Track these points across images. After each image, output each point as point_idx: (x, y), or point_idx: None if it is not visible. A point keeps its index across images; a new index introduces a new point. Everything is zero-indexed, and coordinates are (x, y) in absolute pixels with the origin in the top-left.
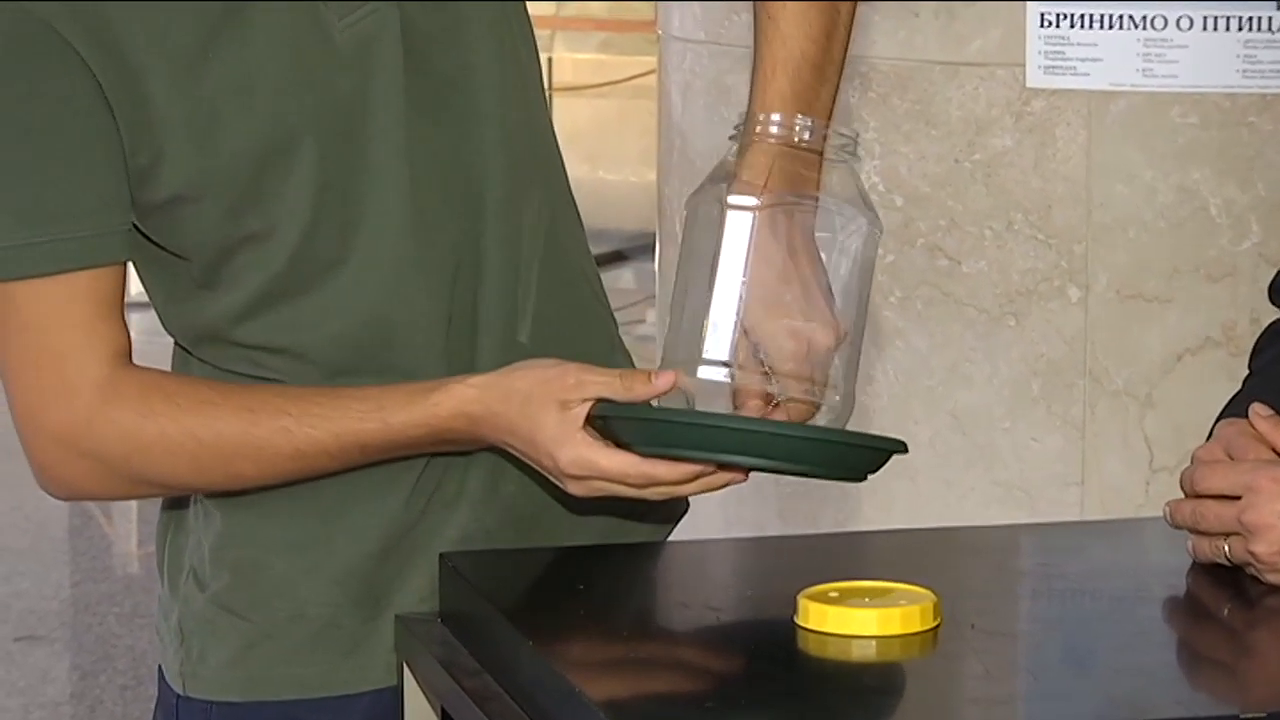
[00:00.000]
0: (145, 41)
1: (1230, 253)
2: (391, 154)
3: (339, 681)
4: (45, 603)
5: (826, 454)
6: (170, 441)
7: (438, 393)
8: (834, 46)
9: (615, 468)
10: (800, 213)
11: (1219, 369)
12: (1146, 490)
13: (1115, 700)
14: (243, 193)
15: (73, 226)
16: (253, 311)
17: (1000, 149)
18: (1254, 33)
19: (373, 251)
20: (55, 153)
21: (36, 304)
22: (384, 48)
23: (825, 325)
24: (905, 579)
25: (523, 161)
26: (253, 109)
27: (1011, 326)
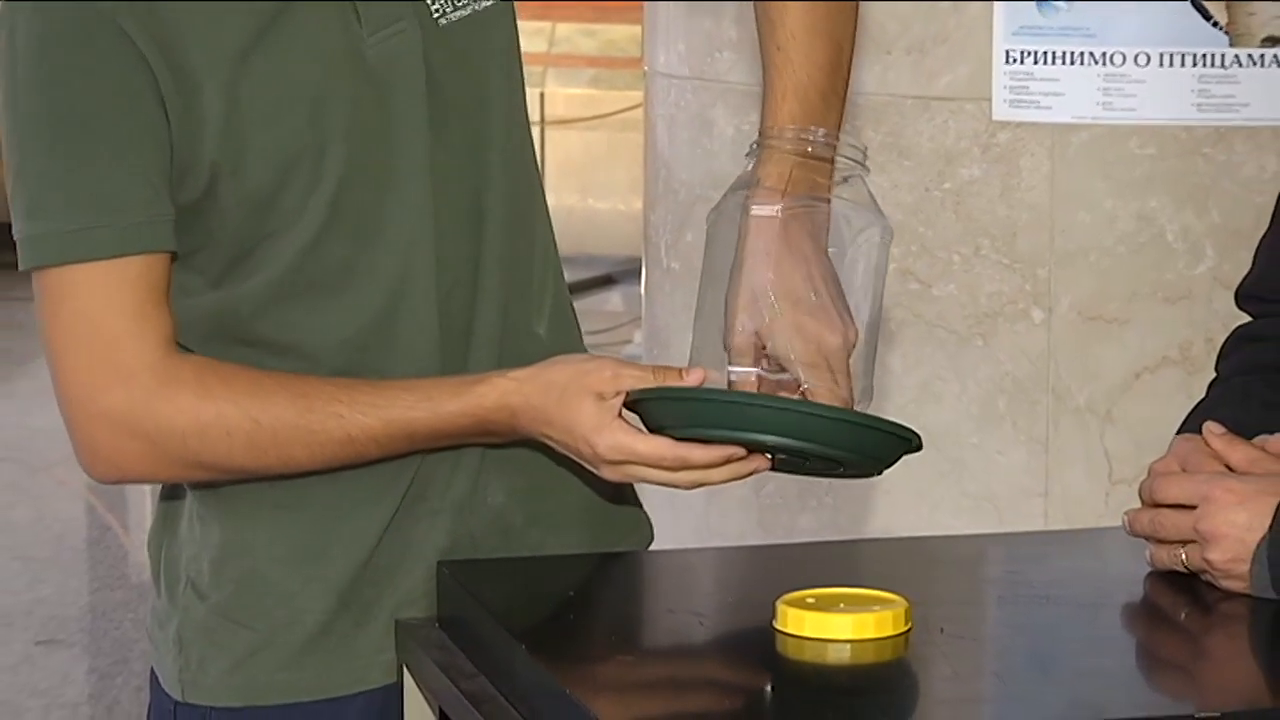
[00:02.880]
0: (198, 42)
1: (1186, 276)
2: (414, 168)
3: (333, 684)
4: (65, 609)
5: (853, 436)
6: (228, 423)
7: (482, 385)
8: (838, 77)
9: (651, 451)
10: (817, 217)
11: (1176, 386)
12: (1107, 501)
13: (1077, 701)
14: (269, 193)
15: (128, 213)
16: (263, 308)
17: (968, 178)
18: (1208, 68)
19: (385, 259)
20: (112, 141)
21: (91, 289)
22: (408, 67)
23: (840, 326)
24: (878, 586)
25: (520, 185)
26: (286, 113)
27: (979, 347)
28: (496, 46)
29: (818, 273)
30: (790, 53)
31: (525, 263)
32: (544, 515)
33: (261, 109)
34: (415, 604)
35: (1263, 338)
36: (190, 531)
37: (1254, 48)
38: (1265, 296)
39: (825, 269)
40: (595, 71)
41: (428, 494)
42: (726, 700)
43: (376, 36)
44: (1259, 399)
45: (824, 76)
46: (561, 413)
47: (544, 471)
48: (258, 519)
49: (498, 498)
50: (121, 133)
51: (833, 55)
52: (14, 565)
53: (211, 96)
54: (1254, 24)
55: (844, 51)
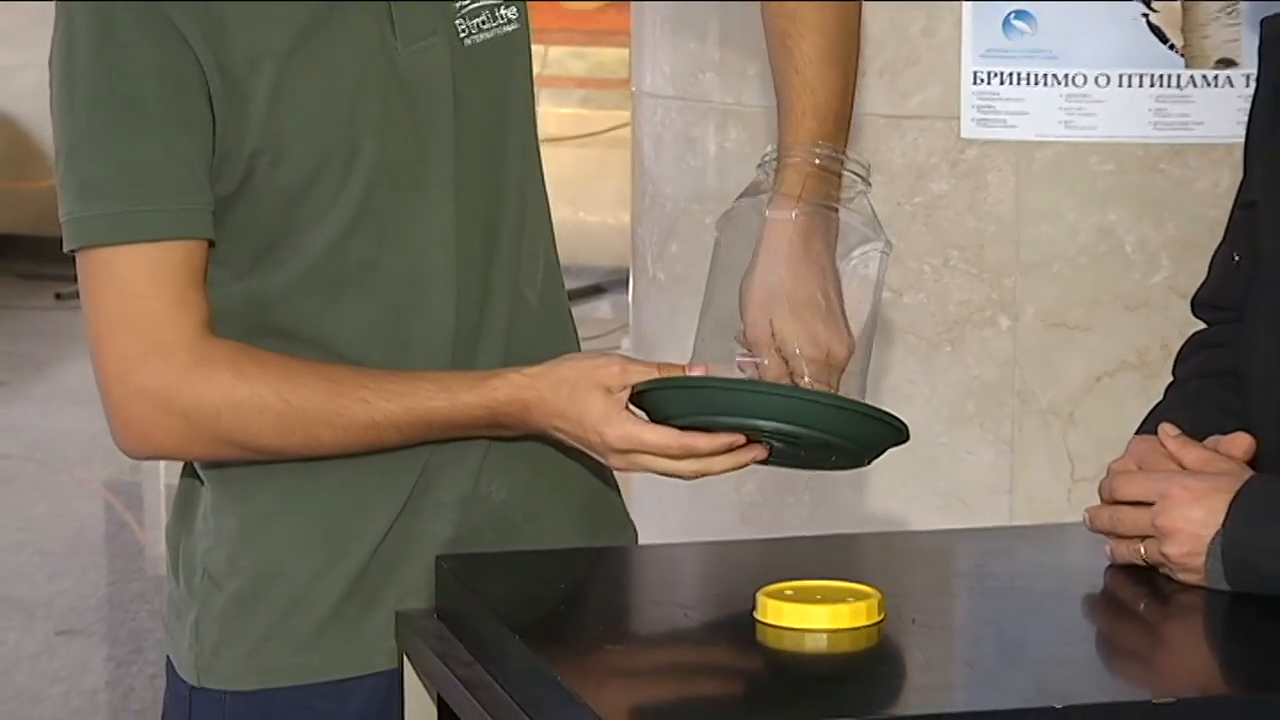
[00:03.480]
0: (245, 40)
1: (1144, 285)
2: (439, 175)
3: (342, 668)
4: (84, 600)
5: (847, 422)
6: (261, 402)
7: (497, 379)
8: (846, 102)
9: (657, 440)
10: (830, 226)
11: (1134, 390)
12: (1069, 499)
13: (1042, 688)
14: (302, 187)
15: (173, 199)
16: (287, 300)
17: (938, 193)
18: (1164, 89)
19: (407, 260)
20: (161, 130)
21: (134, 270)
22: (437, 79)
23: (842, 338)
24: (853, 578)
25: (530, 198)
26: (324, 111)
27: (948, 352)
28: (515, 69)
29: (830, 281)
30: (808, 76)
31: (532, 267)
32: (541, 512)
33: (301, 106)
34: (420, 592)
35: (1217, 344)
36: (205, 524)
37: (1208, 69)
38: (1219, 305)
39: (835, 278)
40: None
41: (434, 489)
42: (709, 687)
43: (410, 48)
44: (1213, 402)
45: (837, 101)
46: (573, 406)
47: (541, 471)
48: (273, 511)
49: (500, 494)
50: (170, 122)
51: (843, 83)
52: (35, 559)
53: (255, 91)
54: (1208, 46)
55: (851, 80)
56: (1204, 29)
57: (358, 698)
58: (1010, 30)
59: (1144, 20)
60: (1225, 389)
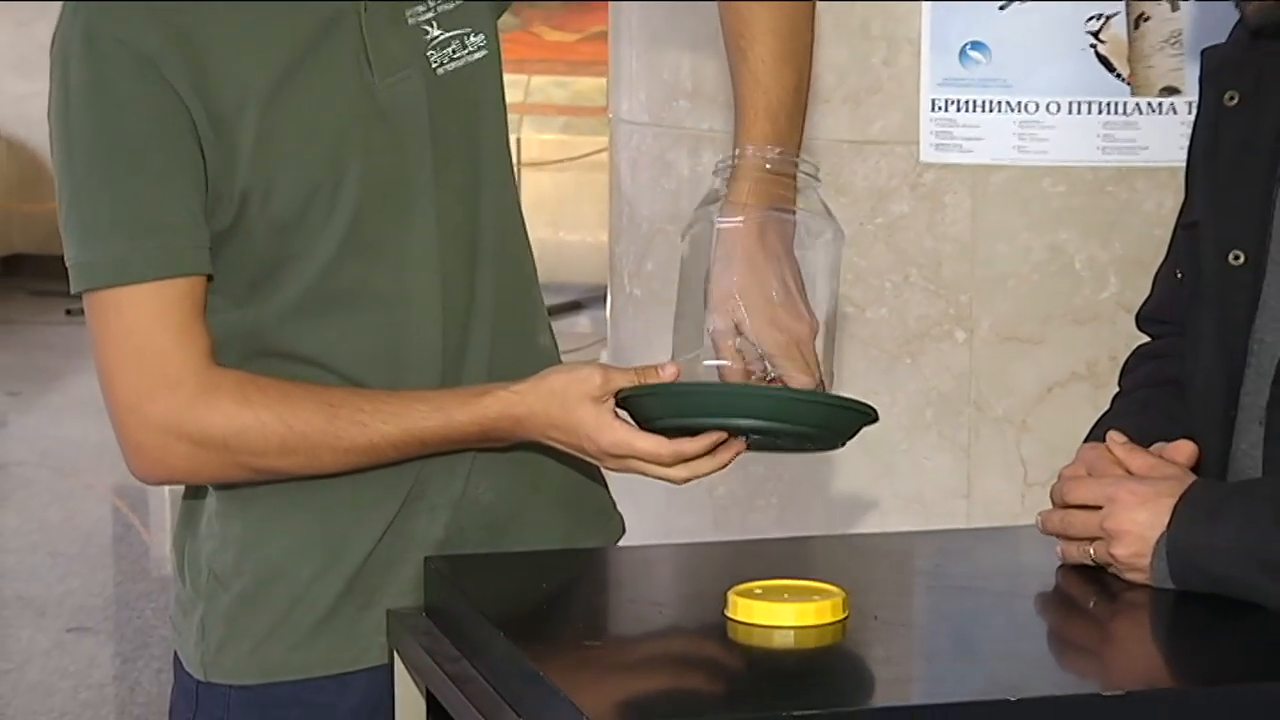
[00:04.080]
0: (230, 85)
1: (1093, 301)
2: (420, 198)
3: (339, 662)
4: (92, 599)
5: (819, 414)
6: (265, 427)
7: (487, 396)
8: (801, 98)
9: (649, 447)
10: (781, 224)
11: (1084, 399)
12: (1022, 502)
13: (996, 681)
14: (292, 219)
15: (172, 239)
16: (283, 325)
17: (898, 214)
18: (1111, 115)
19: (395, 280)
20: (156, 174)
21: (139, 308)
22: (413, 109)
23: (804, 319)
24: (819, 578)
25: (507, 216)
26: (308, 147)
27: (908, 364)
28: (486, 92)
29: (788, 272)
30: (762, 77)
31: (512, 283)
32: (525, 510)
33: (287, 143)
34: (414, 590)
35: (1161, 355)
36: (210, 529)
37: (1153, 97)
38: (1163, 319)
39: (794, 269)
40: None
41: (427, 493)
42: (683, 681)
43: (387, 81)
44: (1158, 410)
45: (791, 98)
46: (565, 417)
47: (525, 472)
48: (276, 516)
49: (487, 496)
50: (164, 166)
51: (798, 80)
52: (46, 560)
53: (242, 132)
54: (1153, 76)
55: (805, 76)
56: (1149, 59)
57: (354, 691)
58: (966, 60)
59: (1093, 51)
60: (1169, 398)
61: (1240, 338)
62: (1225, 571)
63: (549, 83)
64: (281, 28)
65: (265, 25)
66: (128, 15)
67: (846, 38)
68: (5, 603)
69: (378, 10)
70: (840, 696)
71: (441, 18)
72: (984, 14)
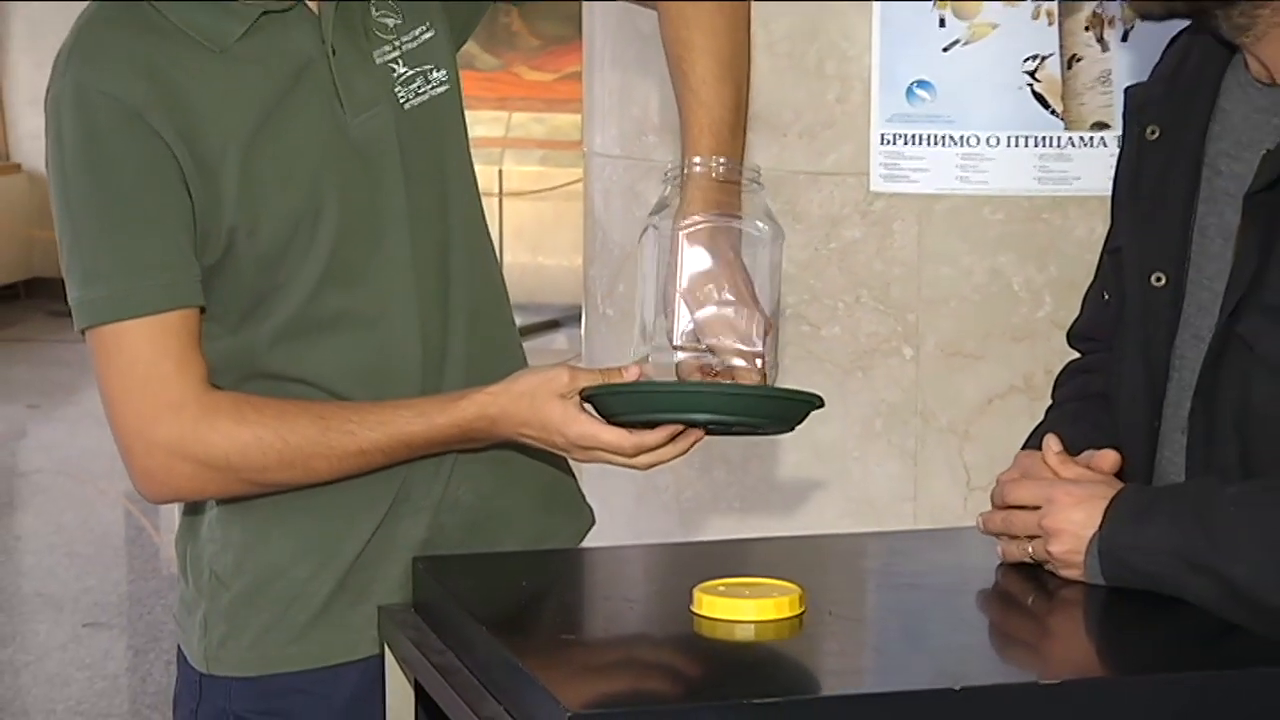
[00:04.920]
0: (213, 131)
1: (1029, 319)
2: (394, 226)
3: (332, 655)
4: (106, 596)
5: (767, 406)
6: (263, 443)
7: (465, 400)
8: (741, 114)
9: (613, 439)
10: (729, 229)
11: (1021, 410)
12: (965, 505)
13: (942, 671)
14: (277, 251)
15: (166, 275)
16: (273, 348)
17: (850, 239)
18: (1047, 148)
19: (374, 303)
20: (148, 216)
21: (139, 340)
22: (384, 143)
23: (753, 314)
24: (777, 576)
25: (475, 237)
26: (289, 184)
27: (859, 378)
28: (449, 123)
29: (737, 272)
30: (703, 96)
31: (483, 297)
32: (503, 508)
33: (268, 182)
34: (400, 586)
35: (1089, 370)
36: (211, 533)
37: (1084, 131)
38: (1091, 337)
39: (742, 270)
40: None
41: (412, 496)
42: (652, 671)
43: (359, 118)
44: (1088, 420)
45: (731, 115)
46: (535, 415)
47: (502, 472)
48: (272, 521)
49: (467, 497)
50: (155, 209)
51: (737, 97)
52: (64, 560)
53: (226, 174)
54: (1084, 112)
55: (743, 92)
56: (1081, 97)
57: (347, 681)
58: (913, 98)
59: (1029, 89)
60: (1098, 409)
61: (1162, 354)
62: (1152, 569)
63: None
64: (257, 76)
65: (242, 75)
66: (114, 70)
67: (803, 77)
68: (25, 599)
69: (346, 53)
70: (797, 686)
71: (406, 56)
72: (929, 55)
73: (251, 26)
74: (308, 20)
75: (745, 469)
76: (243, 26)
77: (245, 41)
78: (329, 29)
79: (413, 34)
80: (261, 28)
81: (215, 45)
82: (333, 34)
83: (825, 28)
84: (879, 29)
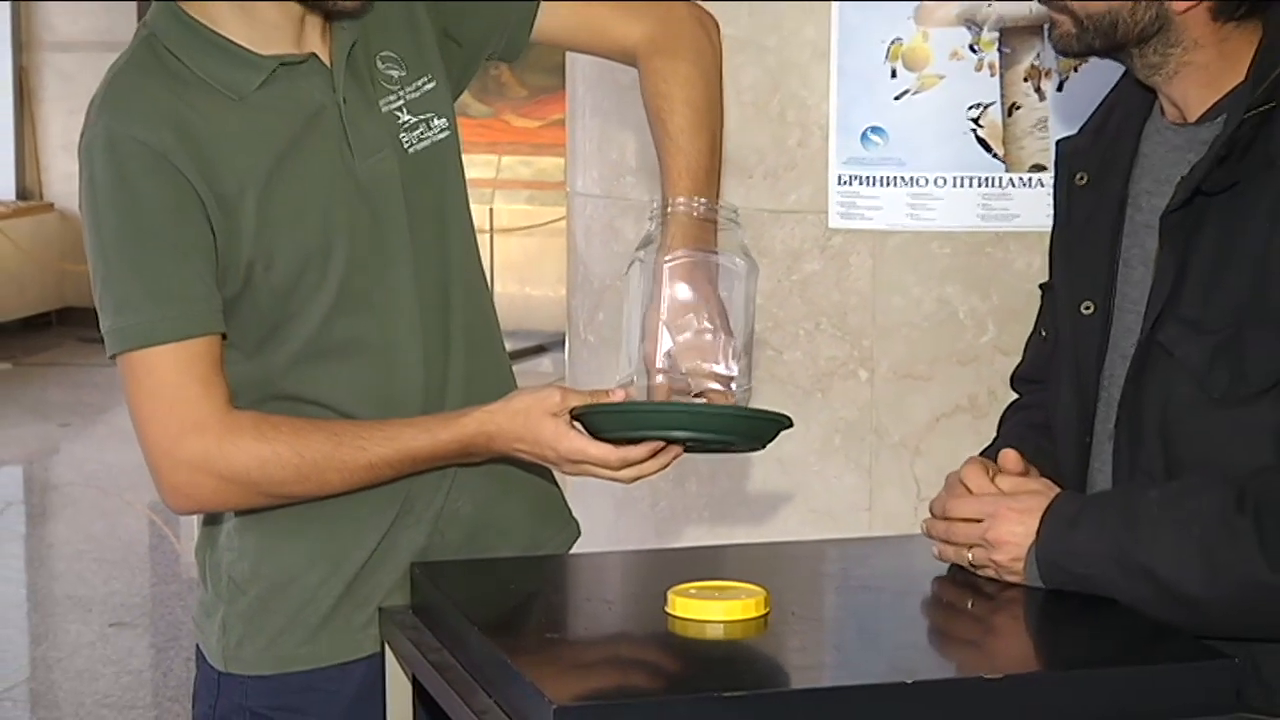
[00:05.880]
0: (233, 173)
1: (974, 345)
2: (399, 260)
3: (340, 653)
4: (131, 598)
5: (742, 425)
6: (281, 459)
7: (465, 418)
8: (715, 159)
9: (600, 453)
10: (707, 263)
11: (966, 428)
12: (916, 515)
13: (894, 666)
14: (291, 283)
15: (192, 305)
16: (288, 372)
17: (810, 271)
18: (989, 189)
19: (381, 330)
20: (175, 250)
21: (166, 365)
22: (389, 184)
23: (728, 341)
24: (744, 579)
25: (471, 270)
26: (302, 221)
27: (819, 398)
28: (449, 167)
29: (714, 304)
30: (681, 143)
31: (478, 324)
32: (496, 521)
33: (283, 219)
34: (400, 589)
35: (1029, 407)
36: (229, 542)
37: (1024, 172)
38: (1032, 379)
39: (718, 301)
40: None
41: (415, 507)
42: (630, 666)
43: (366, 162)
44: (1029, 445)
45: (706, 159)
46: (529, 430)
47: (497, 487)
48: (285, 531)
49: (465, 508)
50: (181, 245)
51: (711, 143)
52: (92, 565)
53: (244, 212)
54: (1023, 155)
55: (718, 139)
56: (1020, 141)
57: (353, 677)
58: (867, 143)
59: (973, 134)
60: (1038, 436)
61: (1092, 375)
62: (1085, 571)
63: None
64: (273, 123)
65: (259, 121)
66: (143, 118)
67: (767, 124)
68: (57, 601)
69: (355, 102)
70: (762, 680)
71: (409, 105)
72: (882, 104)
73: (269, 77)
74: (320, 72)
75: (715, 482)
76: (260, 77)
77: (262, 91)
78: (340, 80)
79: (415, 85)
80: (278, 78)
81: (235, 94)
82: (343, 84)
83: (787, 79)
84: (836, 80)
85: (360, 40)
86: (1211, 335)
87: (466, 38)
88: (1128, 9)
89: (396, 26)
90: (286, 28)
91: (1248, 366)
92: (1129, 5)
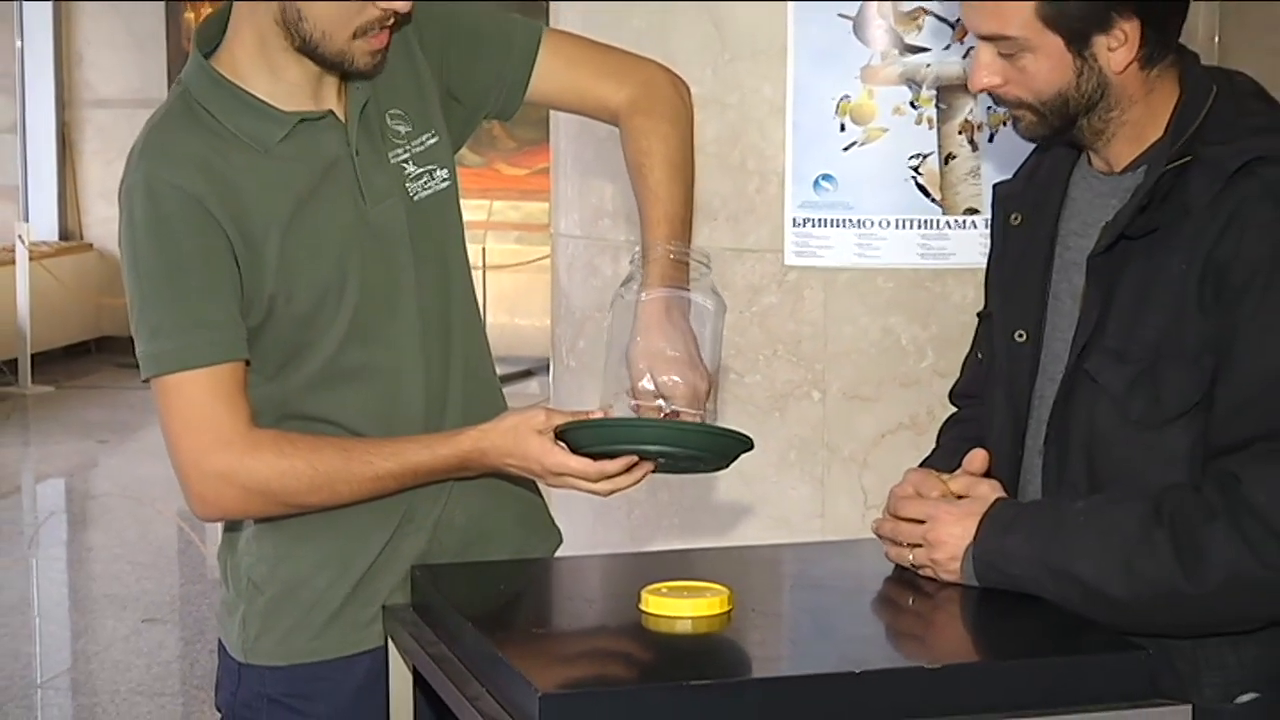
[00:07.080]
0: (258, 215)
1: (915, 369)
2: (405, 295)
3: (347, 647)
4: (162, 596)
5: (707, 440)
6: (298, 471)
7: (462, 435)
8: (689, 209)
9: (580, 467)
10: (681, 301)
11: (908, 444)
12: (863, 521)
13: (846, 657)
14: (309, 315)
15: (219, 334)
16: (303, 395)
17: (768, 304)
18: (928, 230)
19: (388, 359)
20: (206, 284)
21: (196, 387)
22: (397, 228)
23: (698, 373)
24: (710, 580)
25: (468, 305)
26: (319, 259)
27: (776, 417)
28: (450, 214)
29: (689, 339)
30: (659, 193)
31: (475, 354)
32: (488, 529)
33: (302, 257)
34: (402, 590)
35: (966, 420)
36: (248, 546)
37: (959, 215)
38: (968, 394)
39: (690, 334)
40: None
41: (415, 517)
42: (608, 657)
43: (377, 208)
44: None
45: (682, 208)
46: (517, 446)
47: (490, 499)
48: (299, 538)
49: (460, 518)
50: (210, 279)
51: (686, 194)
52: (126, 567)
53: (268, 251)
54: (959, 200)
55: (690, 190)
56: (955, 188)
57: (359, 669)
58: (819, 189)
59: (914, 181)
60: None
61: (1024, 397)
62: (1017, 572)
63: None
64: (294, 172)
65: (282, 170)
66: (179, 165)
67: (729, 171)
68: (94, 600)
69: (367, 154)
70: (727, 670)
71: (415, 157)
72: (832, 154)
73: (290, 131)
74: (336, 127)
75: (684, 492)
76: (283, 131)
77: (285, 143)
78: (354, 134)
79: (420, 139)
80: (298, 132)
81: (260, 146)
82: (356, 138)
83: (747, 132)
84: (791, 133)
85: (372, 98)
86: (1132, 366)
87: (467, 98)
88: (1073, 85)
89: (405, 86)
90: (307, 87)
91: (1163, 394)
92: (1074, 80)
